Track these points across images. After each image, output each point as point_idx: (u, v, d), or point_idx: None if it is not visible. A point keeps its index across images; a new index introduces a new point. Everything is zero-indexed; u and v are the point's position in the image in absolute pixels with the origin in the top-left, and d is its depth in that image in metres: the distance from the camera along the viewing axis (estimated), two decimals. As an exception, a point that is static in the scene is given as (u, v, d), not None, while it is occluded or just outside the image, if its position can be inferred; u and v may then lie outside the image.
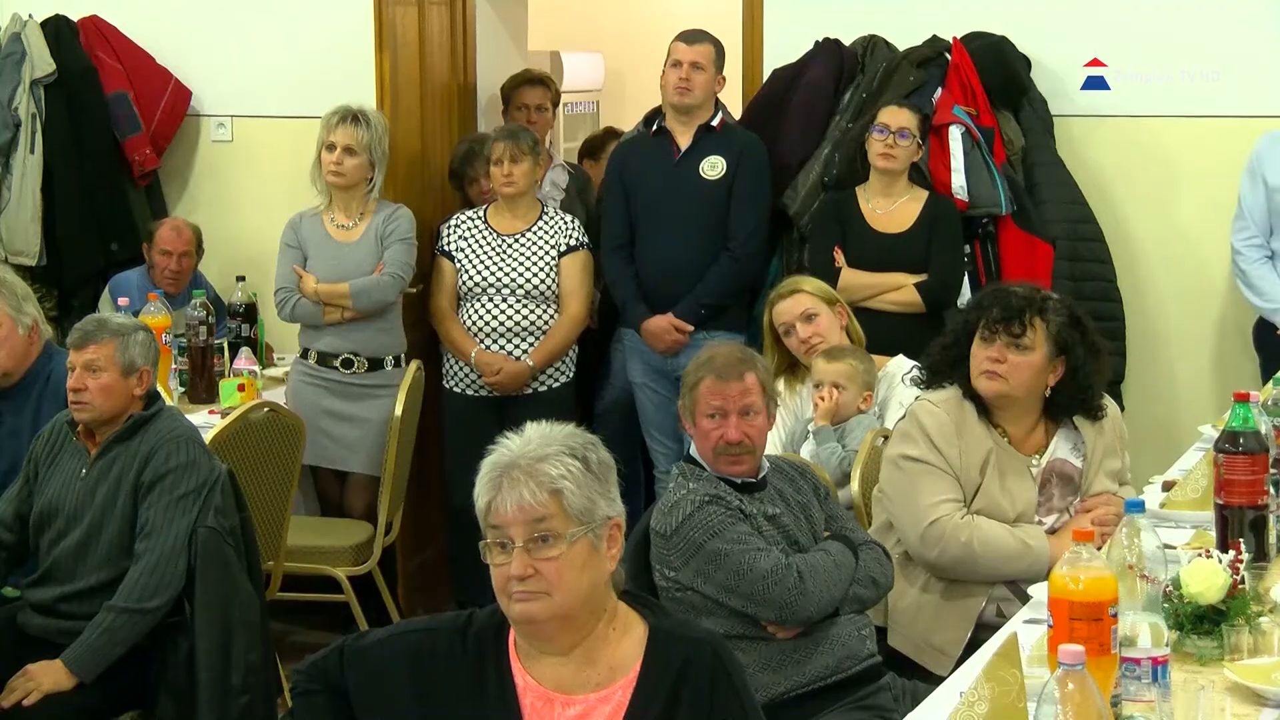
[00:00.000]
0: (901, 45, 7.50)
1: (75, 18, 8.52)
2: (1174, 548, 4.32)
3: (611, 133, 9.47)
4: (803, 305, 6.20)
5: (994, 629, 4.61)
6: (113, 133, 8.40)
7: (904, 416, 5.28)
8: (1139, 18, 7.38)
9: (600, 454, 3.31)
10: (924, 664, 4.94)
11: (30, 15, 8.45)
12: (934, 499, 4.97)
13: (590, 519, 3.21)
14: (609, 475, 3.30)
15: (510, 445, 3.27)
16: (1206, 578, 3.94)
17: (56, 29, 8.46)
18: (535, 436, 3.28)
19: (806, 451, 5.81)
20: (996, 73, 7.32)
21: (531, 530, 3.17)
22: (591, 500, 3.22)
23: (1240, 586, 3.97)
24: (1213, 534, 4.47)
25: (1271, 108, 7.24)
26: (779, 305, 6.28)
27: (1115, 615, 3.46)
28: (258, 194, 8.44)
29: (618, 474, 3.36)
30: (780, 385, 6.04)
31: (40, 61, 8.31)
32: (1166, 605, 3.89)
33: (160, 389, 5.72)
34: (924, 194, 7.10)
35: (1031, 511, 5.05)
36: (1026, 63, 7.42)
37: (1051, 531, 5.03)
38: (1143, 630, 3.55)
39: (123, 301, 7.59)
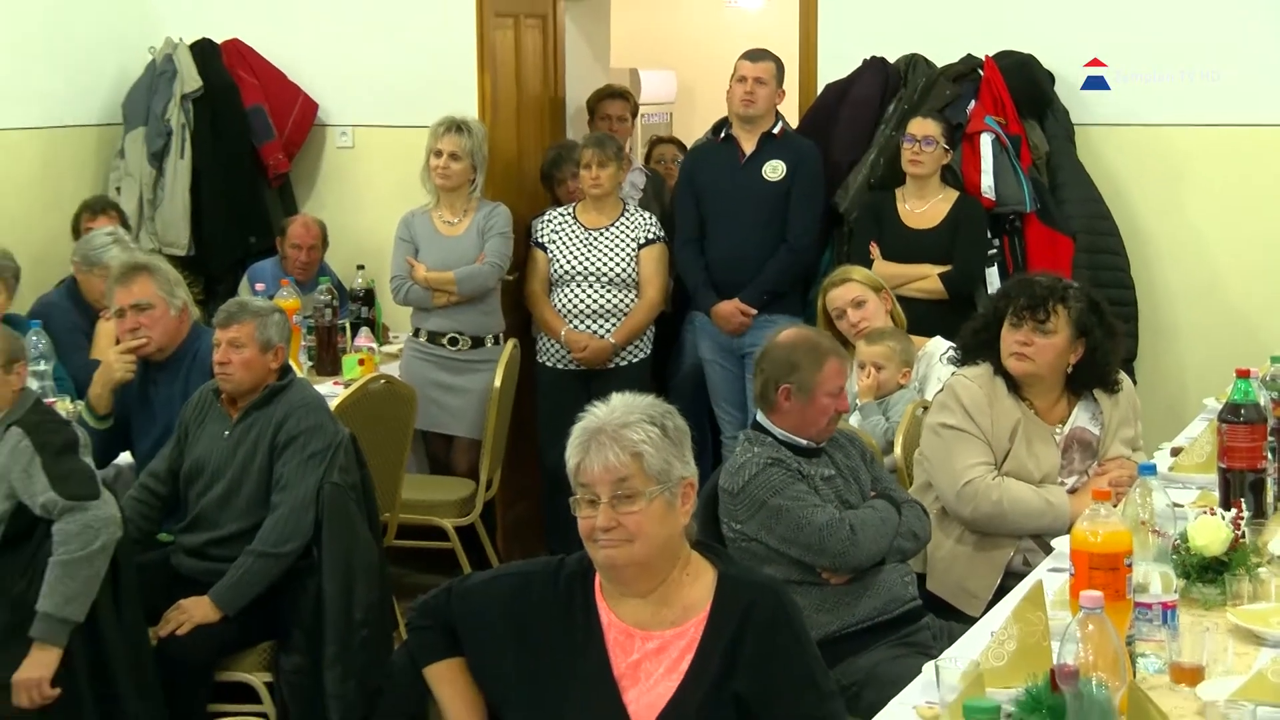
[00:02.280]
0: (940, 62, 7.43)
1: (219, 40, 8.55)
2: (1182, 506, 4.29)
3: (660, 140, 9.50)
4: (853, 293, 6.17)
5: (1021, 576, 4.61)
6: (251, 140, 8.43)
7: (942, 390, 5.25)
8: (1145, 27, 7.30)
9: (676, 421, 3.32)
10: (959, 606, 4.92)
11: (180, 38, 8.49)
12: (968, 462, 4.97)
13: (667, 479, 3.22)
14: (684, 440, 3.32)
15: (598, 413, 3.29)
16: (1211, 532, 3.95)
17: (203, 50, 8.50)
18: (620, 405, 3.30)
19: (855, 421, 5.77)
20: (1024, 86, 7.26)
21: (615, 488, 3.19)
22: (668, 462, 3.23)
23: (1241, 540, 3.97)
24: (1216, 494, 4.49)
25: (1272, 116, 7.18)
26: (831, 292, 6.25)
27: (1130, 565, 3.46)
28: (375, 194, 8.44)
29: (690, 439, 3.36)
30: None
31: (189, 78, 8.35)
32: (1175, 557, 3.88)
33: (291, 363, 5.74)
34: (954, 195, 7.06)
35: (1055, 474, 5.03)
36: (1051, 78, 7.34)
37: (1072, 491, 5.02)
38: (1154, 578, 3.56)
39: (259, 287, 7.62)
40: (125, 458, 6.04)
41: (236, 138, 8.41)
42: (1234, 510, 4.10)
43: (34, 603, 4.70)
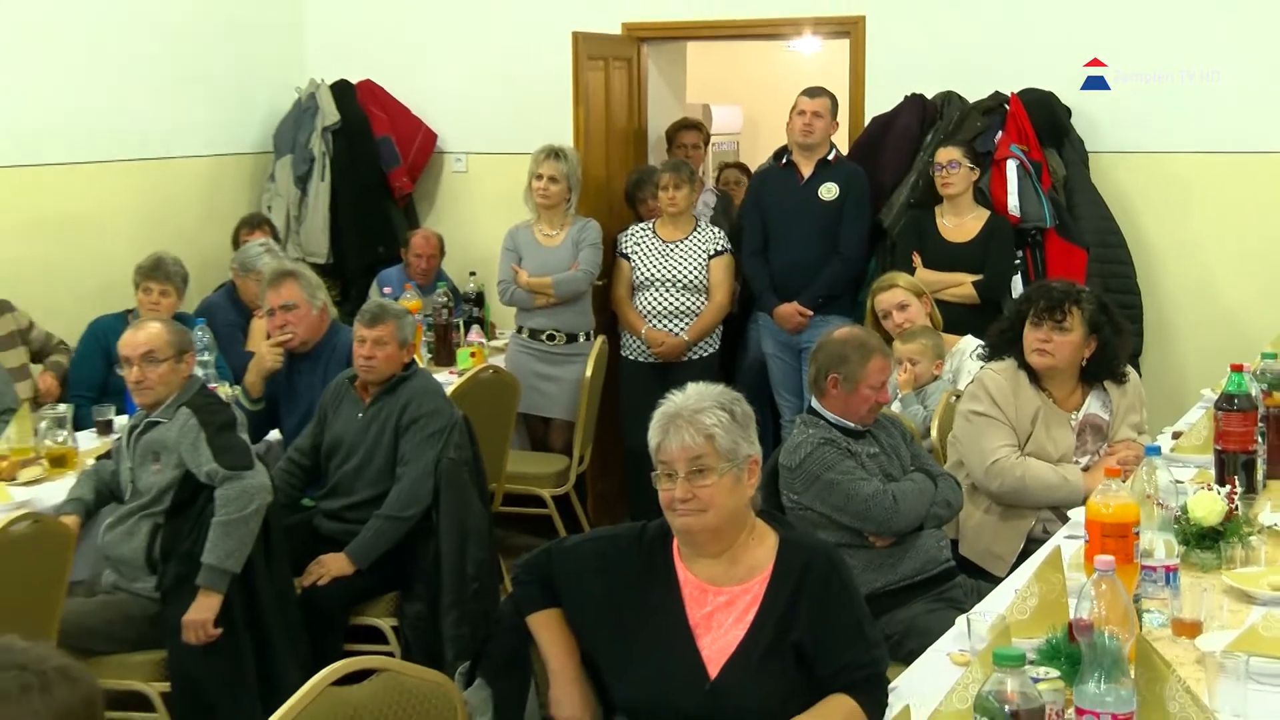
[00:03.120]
0: (971, 98, 7.40)
1: (354, 80, 8.63)
2: (1182, 482, 4.26)
3: (730, 165, 9.49)
4: (898, 297, 6.16)
5: (1041, 542, 4.60)
6: (380, 166, 8.50)
7: (972, 382, 5.24)
8: (1152, 69, 7.28)
9: (743, 407, 3.33)
10: (987, 568, 4.89)
11: (322, 79, 8.57)
12: (995, 444, 4.95)
13: (735, 457, 3.22)
14: (750, 424, 3.32)
15: (676, 399, 3.30)
16: (1208, 505, 3.94)
17: (340, 89, 8.58)
18: (694, 393, 3.30)
19: (896, 409, 5.75)
20: (1044, 119, 7.25)
21: (691, 464, 3.19)
22: (736, 443, 3.24)
23: (1234, 512, 3.97)
24: (1212, 472, 4.45)
25: (1266, 144, 7.15)
26: (879, 295, 6.23)
27: (1137, 533, 3.46)
28: (485, 211, 8.48)
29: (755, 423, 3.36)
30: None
31: (328, 113, 8.42)
32: (1176, 526, 3.88)
33: (413, 356, 5.76)
34: (985, 213, 7.02)
35: (1070, 454, 5.00)
36: (1068, 111, 7.32)
37: (1086, 469, 4.99)
38: (1158, 545, 3.54)
39: (386, 290, 7.68)
40: (274, 435, 6.10)
41: (368, 164, 8.48)
42: (1228, 486, 4.08)
43: (199, 556, 4.76)
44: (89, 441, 5.77)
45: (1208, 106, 7.22)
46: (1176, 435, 5.41)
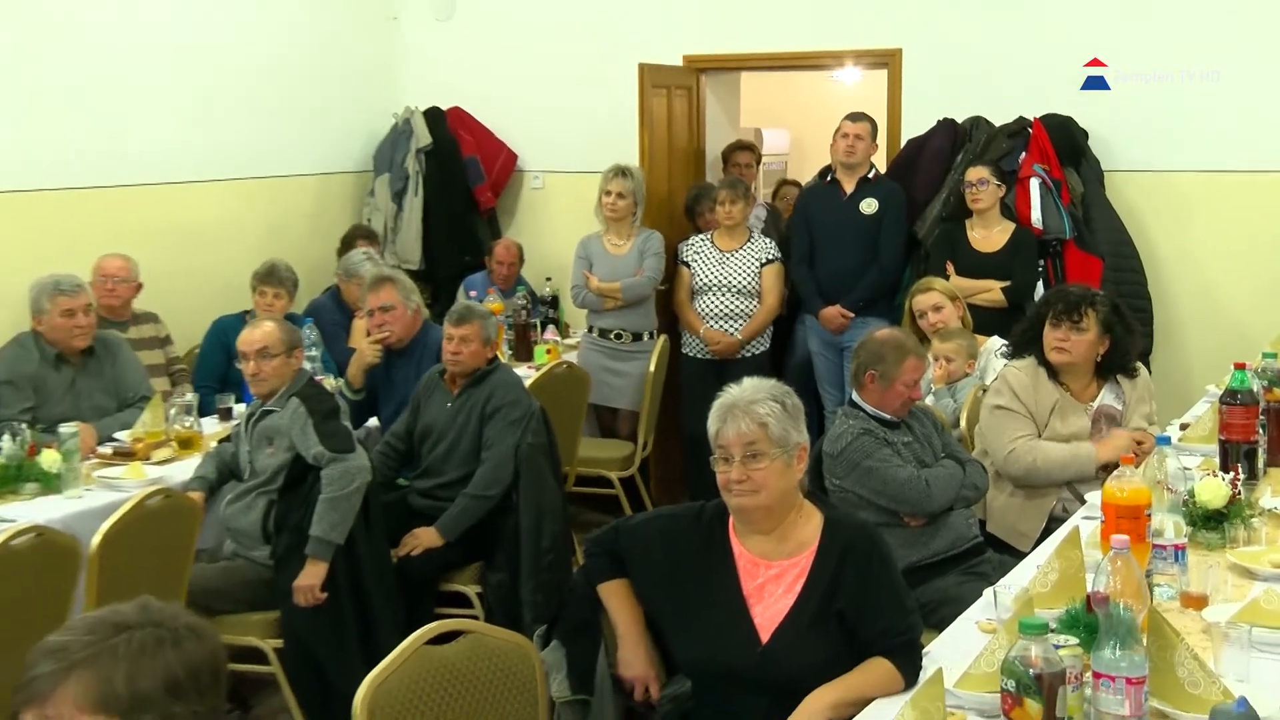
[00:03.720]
0: (997, 122, 7.35)
1: (444, 107, 8.65)
2: (1190, 469, 4.21)
3: (786, 183, 9.45)
4: (933, 299, 6.13)
5: (1061, 521, 4.58)
6: (467, 183, 8.52)
7: (997, 378, 5.22)
8: (1161, 95, 7.23)
9: (793, 400, 3.32)
10: (1012, 544, 4.85)
11: (416, 106, 8.61)
12: (1014, 435, 4.93)
13: (785, 444, 3.21)
14: (799, 415, 3.31)
15: (733, 391, 3.29)
16: (1213, 490, 3.91)
17: (432, 115, 8.61)
18: (750, 386, 3.30)
19: (930, 402, 5.72)
20: (1064, 141, 7.19)
21: (746, 450, 3.19)
22: (787, 431, 3.23)
23: (1237, 497, 3.94)
24: (1217, 460, 4.43)
25: (1262, 164, 7.09)
26: (917, 297, 6.20)
27: (1149, 515, 3.47)
28: (559, 223, 8.48)
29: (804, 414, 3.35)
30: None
31: (421, 136, 8.46)
32: (1184, 509, 3.84)
33: (496, 352, 5.78)
34: (1011, 226, 6.99)
35: (1084, 437, 4.96)
36: (1085, 134, 7.26)
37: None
38: (1168, 525, 3.52)
39: (472, 294, 7.73)
40: (373, 422, 6.12)
41: (456, 181, 8.50)
42: (1231, 473, 4.06)
43: (308, 529, 4.80)
44: (212, 426, 5.84)
45: (1209, 129, 7.15)
46: (1184, 427, 5.36)
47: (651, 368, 7.30)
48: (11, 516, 4.52)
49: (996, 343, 5.96)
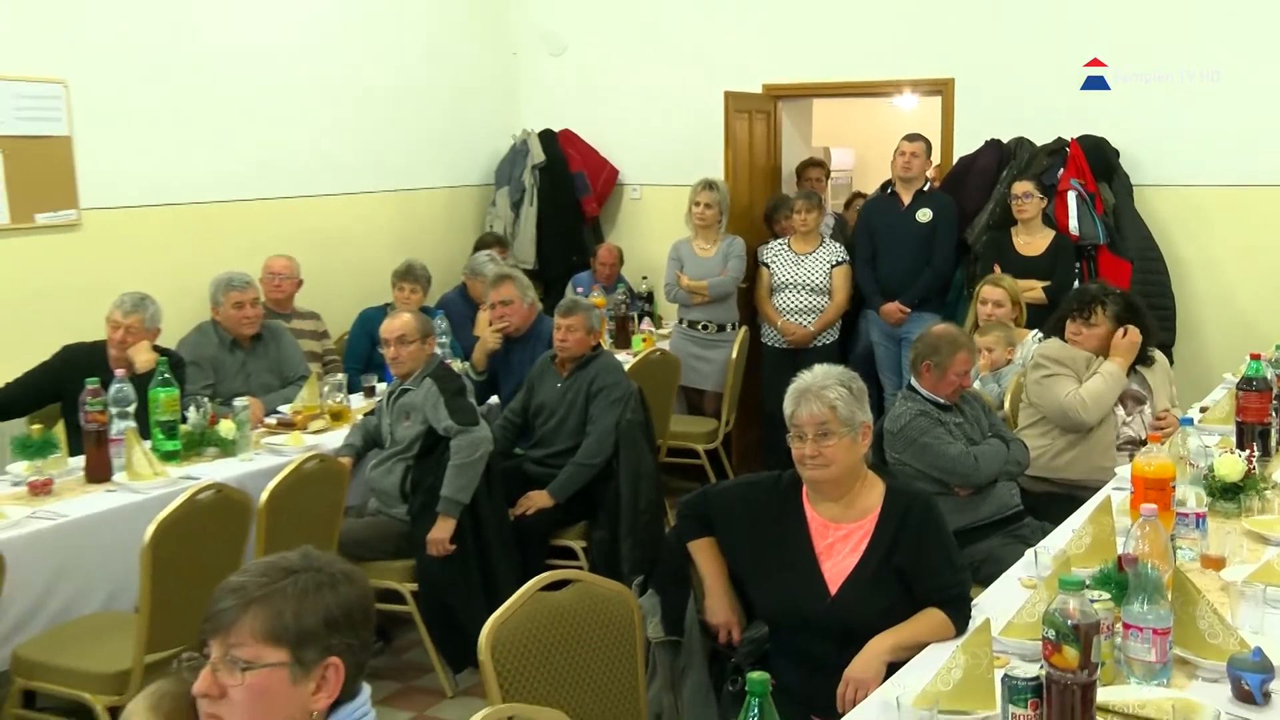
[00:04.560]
0: (1038, 142, 7.26)
1: (556, 129, 8.66)
2: (1209, 447, 4.15)
3: (857, 194, 9.36)
4: (997, 295, 6.07)
5: (1094, 491, 4.46)
6: (575, 195, 8.53)
7: (1033, 357, 5.19)
8: (1185, 116, 7.10)
9: (859, 384, 3.31)
10: (1099, 478, 4.71)
11: (531, 129, 8.65)
12: (1064, 390, 4.94)
13: (852, 423, 3.20)
14: (863, 397, 3.29)
15: (806, 377, 3.28)
16: (1231, 465, 3.86)
17: (546, 136, 8.62)
18: (821, 372, 3.29)
19: (977, 387, 5.67)
20: (1097, 158, 7.07)
21: (817, 429, 3.18)
22: (853, 412, 3.22)
23: (1253, 471, 3.88)
24: (1234, 439, 4.37)
25: (1271, 179, 6.94)
26: (986, 287, 6.16)
27: (1173, 487, 3.39)
28: (655, 229, 8.47)
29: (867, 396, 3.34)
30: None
31: (536, 154, 8.48)
32: (1205, 481, 3.81)
33: (599, 340, 5.79)
34: (1051, 233, 6.89)
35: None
36: (1116, 153, 7.13)
37: (1130, 429, 5.02)
38: (1190, 496, 3.50)
39: (579, 290, 7.72)
40: (493, 399, 6.14)
41: (566, 193, 8.50)
42: (1247, 450, 4.02)
43: (439, 490, 4.84)
44: (358, 402, 5.91)
45: (1227, 149, 7.01)
46: (1204, 410, 5.27)
47: (734, 355, 7.28)
48: (196, 475, 4.63)
49: (1034, 334, 5.89)
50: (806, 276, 7.24)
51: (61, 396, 5.13)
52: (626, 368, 5.98)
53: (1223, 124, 7.01)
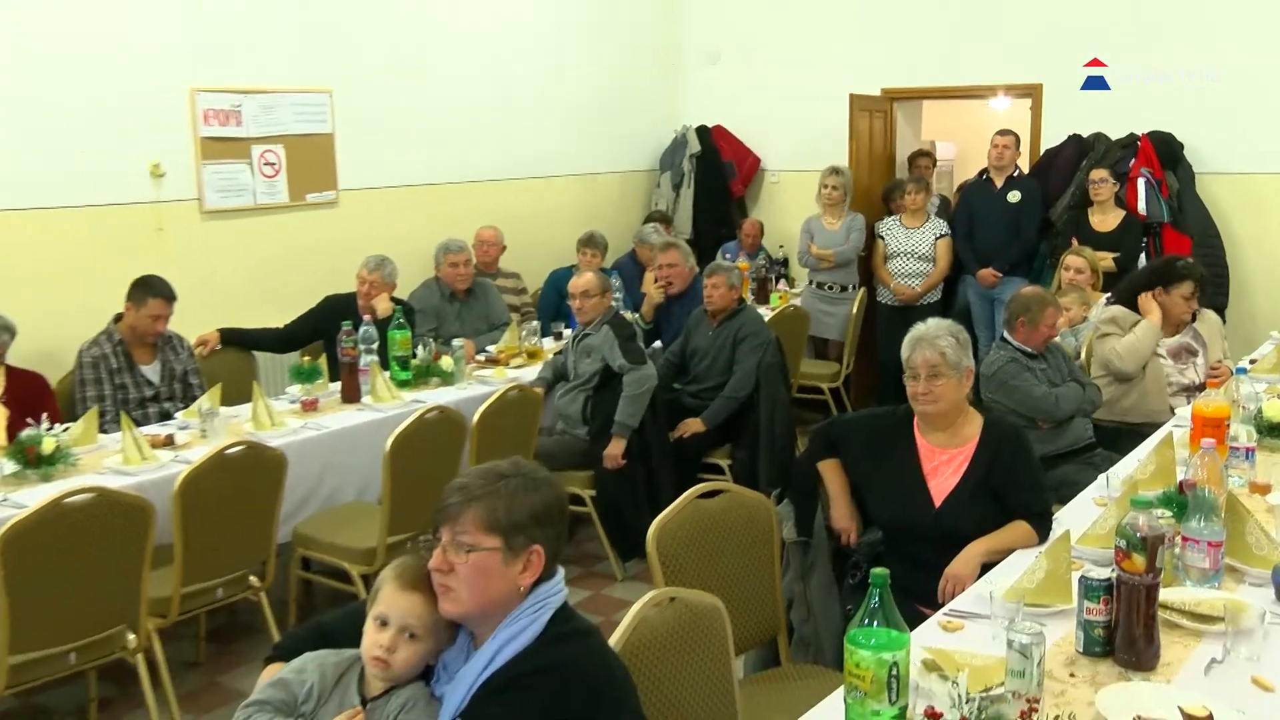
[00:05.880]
0: (1113, 136, 6.96)
1: (710, 125, 8.58)
2: (1259, 392, 3.96)
3: (967, 183, 9.07)
4: (1078, 263, 5.87)
5: (1152, 429, 4.32)
6: (724, 179, 8.45)
7: (1103, 317, 4.98)
8: (1240, 113, 6.72)
9: (964, 335, 3.25)
10: (1155, 420, 4.58)
11: (689, 124, 8.56)
12: (1109, 345, 4.77)
13: (958, 367, 3.15)
14: (968, 346, 3.22)
15: (921, 327, 3.23)
16: (1276, 408, 3.70)
17: (702, 130, 8.52)
18: (933, 324, 3.23)
19: (1058, 340, 5.50)
20: (1164, 151, 6.77)
21: (929, 370, 3.13)
22: (959, 358, 3.16)
23: (1297, 414, 3.70)
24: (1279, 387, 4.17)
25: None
26: (1069, 256, 5.97)
27: (1228, 425, 3.29)
28: (790, 208, 8.36)
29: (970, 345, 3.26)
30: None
31: (693, 145, 8.42)
32: (1254, 421, 3.66)
33: (742, 295, 5.75)
34: (1122, 213, 6.60)
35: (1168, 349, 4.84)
36: (1181, 145, 6.81)
37: (1185, 377, 4.79)
38: (1242, 433, 3.39)
39: (727, 256, 7.64)
40: (657, 344, 6.14)
41: (717, 178, 8.43)
42: (1293, 397, 3.82)
43: (614, 416, 4.89)
44: (549, 344, 5.98)
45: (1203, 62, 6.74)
46: (1253, 361, 5.06)
47: (854, 310, 7.18)
48: (423, 399, 4.75)
49: (1107, 296, 5.69)
50: (915, 246, 7.09)
51: (323, 334, 5.33)
52: (766, 320, 5.94)
53: (1276, 119, 6.65)
